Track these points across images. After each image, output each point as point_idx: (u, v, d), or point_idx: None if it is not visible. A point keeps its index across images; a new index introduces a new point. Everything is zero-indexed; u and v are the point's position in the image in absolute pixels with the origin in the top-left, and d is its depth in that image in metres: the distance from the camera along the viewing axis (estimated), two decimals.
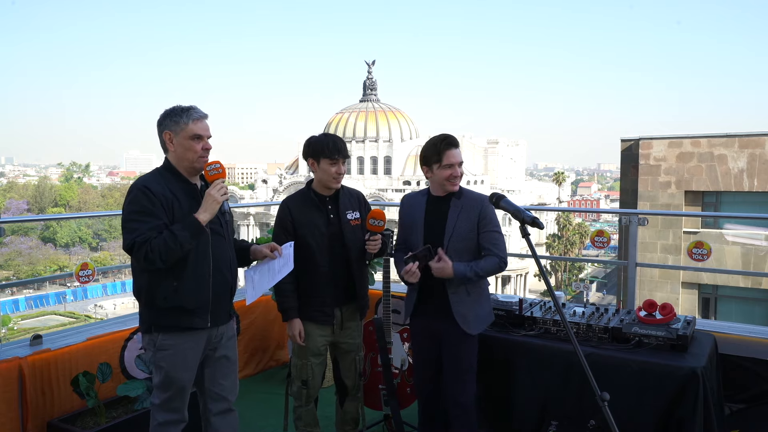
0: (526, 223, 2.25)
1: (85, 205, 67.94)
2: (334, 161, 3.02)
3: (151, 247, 2.37)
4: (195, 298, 2.55)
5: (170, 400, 2.62)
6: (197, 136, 2.55)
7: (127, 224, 2.45)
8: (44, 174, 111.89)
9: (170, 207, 2.49)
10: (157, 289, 2.50)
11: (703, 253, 3.91)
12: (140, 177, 2.62)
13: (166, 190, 2.51)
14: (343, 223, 3.11)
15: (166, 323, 2.54)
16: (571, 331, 2.01)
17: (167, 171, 2.59)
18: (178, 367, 2.58)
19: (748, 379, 3.37)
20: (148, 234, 2.40)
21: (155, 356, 2.58)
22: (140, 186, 2.48)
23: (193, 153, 2.55)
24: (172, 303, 2.50)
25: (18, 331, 33.50)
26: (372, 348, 3.65)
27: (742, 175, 12.73)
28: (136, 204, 2.45)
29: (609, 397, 1.83)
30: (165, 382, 2.59)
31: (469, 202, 2.97)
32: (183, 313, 2.53)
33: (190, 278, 2.52)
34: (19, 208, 60.60)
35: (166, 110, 2.59)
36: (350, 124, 58.69)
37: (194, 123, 2.55)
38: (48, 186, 78.64)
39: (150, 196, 2.45)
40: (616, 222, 28.76)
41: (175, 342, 2.56)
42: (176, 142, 2.55)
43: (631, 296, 4.05)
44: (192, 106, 2.59)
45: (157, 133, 2.61)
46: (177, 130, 2.54)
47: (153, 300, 2.52)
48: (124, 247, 2.43)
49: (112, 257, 55.92)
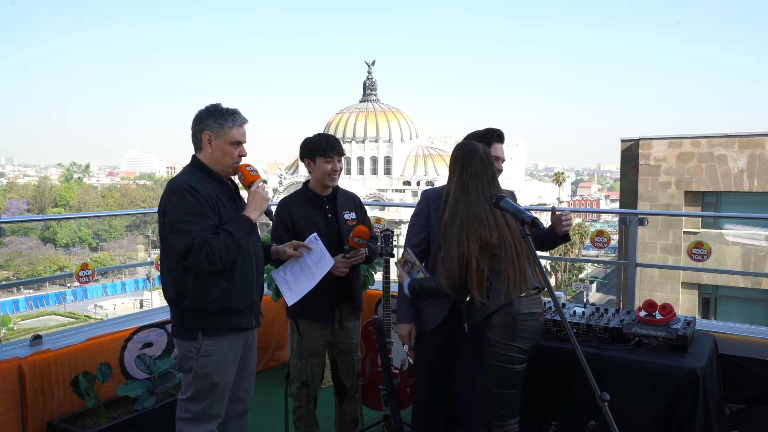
0: (526, 223, 2.25)
1: (85, 206, 67.90)
2: (329, 159, 3.04)
3: (211, 248, 2.29)
4: (243, 298, 2.51)
5: (209, 408, 2.52)
6: (237, 142, 2.50)
7: (179, 226, 2.34)
8: (44, 174, 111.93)
9: (216, 207, 2.43)
10: (208, 290, 2.42)
11: (703, 253, 3.91)
12: (177, 177, 2.51)
13: (209, 190, 2.44)
14: (341, 223, 3.13)
15: (216, 326, 2.47)
16: (571, 332, 2.01)
17: (202, 171, 2.50)
18: (222, 371, 2.51)
19: (748, 379, 3.37)
20: (205, 235, 2.31)
21: (197, 363, 2.46)
22: (186, 186, 2.38)
23: (230, 158, 2.50)
24: (222, 304, 2.44)
25: (18, 331, 33.45)
26: (372, 348, 3.65)
27: (742, 176, 12.73)
28: (186, 205, 2.35)
29: (609, 397, 1.82)
30: (205, 389, 2.49)
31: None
32: (231, 314, 2.48)
33: (238, 278, 2.49)
34: (19, 208, 60.58)
35: (208, 109, 2.50)
36: (350, 124, 58.69)
37: (237, 128, 2.49)
38: (48, 186, 78.60)
39: (197, 196, 2.37)
40: (616, 222, 28.76)
41: (220, 346, 2.48)
42: (215, 145, 2.47)
43: (631, 296, 4.05)
44: (236, 109, 2.52)
45: (194, 130, 2.51)
46: (219, 133, 2.46)
47: (202, 303, 2.42)
48: (180, 249, 2.32)
49: (112, 257, 55.91)
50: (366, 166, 58.24)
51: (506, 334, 2.55)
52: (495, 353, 2.57)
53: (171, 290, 2.48)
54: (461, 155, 2.67)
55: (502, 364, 2.56)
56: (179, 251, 2.33)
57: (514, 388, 2.60)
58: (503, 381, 2.58)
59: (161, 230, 2.48)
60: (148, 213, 5.55)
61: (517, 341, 2.55)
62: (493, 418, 2.64)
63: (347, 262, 3.01)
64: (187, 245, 2.30)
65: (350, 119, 59.28)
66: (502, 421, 2.62)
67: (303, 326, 3.11)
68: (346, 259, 3.02)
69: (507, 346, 2.55)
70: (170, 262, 2.47)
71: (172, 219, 2.37)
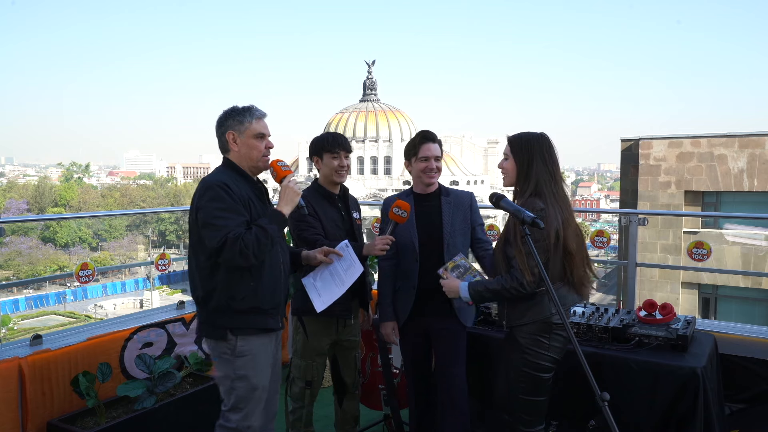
0: (526, 223, 2.25)
1: (85, 205, 67.86)
2: (335, 155, 3.08)
3: (245, 243, 2.30)
4: (270, 298, 2.51)
5: (250, 415, 2.49)
6: (261, 135, 2.54)
7: (212, 221, 2.35)
8: (44, 174, 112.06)
9: (247, 206, 2.45)
10: (236, 289, 2.42)
11: (703, 253, 3.92)
12: (210, 175, 2.53)
13: (242, 189, 2.46)
14: (353, 221, 3.18)
15: (243, 325, 2.46)
16: (570, 331, 2.01)
17: (233, 170, 2.53)
18: (258, 373, 2.49)
19: (748, 379, 3.37)
20: (238, 230, 2.33)
21: (234, 365, 2.45)
22: (218, 183, 2.40)
23: (257, 152, 2.54)
24: (249, 303, 2.44)
25: (18, 331, 33.41)
26: (372, 348, 3.65)
27: (742, 175, 12.73)
28: (220, 201, 2.37)
29: (609, 397, 1.82)
30: (244, 394, 2.46)
31: (458, 199, 3.10)
32: (259, 314, 2.48)
33: (266, 278, 2.49)
34: (19, 208, 60.56)
35: (225, 111, 2.56)
36: (350, 124, 58.70)
37: (257, 121, 2.54)
38: (48, 186, 78.58)
39: (230, 193, 2.39)
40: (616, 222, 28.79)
41: (253, 345, 2.48)
42: (240, 142, 2.52)
43: (631, 296, 4.05)
44: (251, 105, 2.57)
45: (218, 134, 2.57)
46: (241, 130, 2.51)
47: (230, 301, 2.42)
48: (214, 244, 2.33)
49: (112, 257, 55.91)
50: (366, 166, 58.25)
51: (540, 342, 2.52)
52: (527, 360, 2.54)
53: (199, 288, 2.48)
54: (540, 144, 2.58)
55: (533, 371, 2.53)
56: (213, 246, 2.33)
57: (542, 395, 2.58)
58: (533, 388, 2.56)
59: (192, 228, 2.48)
60: (148, 213, 5.55)
61: (550, 350, 2.53)
62: (520, 424, 2.62)
63: (387, 239, 2.88)
64: (221, 240, 2.31)
65: (350, 119, 59.29)
66: (529, 428, 2.61)
67: (310, 326, 3.10)
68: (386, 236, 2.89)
69: (539, 354, 2.52)
70: (199, 260, 2.47)
71: (205, 215, 2.38)
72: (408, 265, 3.04)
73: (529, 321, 2.53)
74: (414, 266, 3.03)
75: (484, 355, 3.28)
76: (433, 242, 3.02)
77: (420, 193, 3.11)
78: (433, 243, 3.01)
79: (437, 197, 3.09)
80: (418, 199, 3.10)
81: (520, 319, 2.56)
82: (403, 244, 3.03)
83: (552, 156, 2.59)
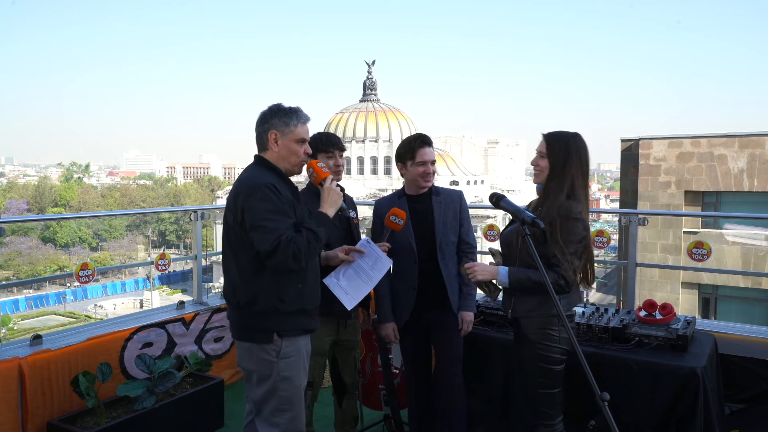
0: (526, 223, 2.25)
1: (85, 205, 67.85)
2: (330, 154, 3.09)
3: (297, 247, 2.26)
4: (314, 299, 2.50)
5: (297, 417, 2.47)
6: (303, 140, 2.49)
7: (263, 224, 2.29)
8: (44, 174, 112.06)
9: (292, 208, 2.40)
10: (284, 291, 2.38)
11: (703, 253, 3.91)
12: (253, 175, 2.43)
13: (285, 190, 2.42)
14: (350, 219, 3.17)
15: (291, 327, 2.43)
16: (570, 332, 2.02)
17: (271, 170, 2.46)
18: (300, 374, 2.47)
19: (748, 379, 3.37)
20: (289, 233, 2.29)
21: (278, 366, 2.41)
22: (267, 184, 2.34)
23: (296, 157, 2.48)
24: (297, 305, 2.42)
25: (18, 331, 33.49)
26: (372, 348, 3.65)
27: (742, 175, 12.73)
28: (269, 202, 2.31)
29: (609, 397, 1.82)
30: (288, 396, 2.43)
31: (447, 198, 3.13)
32: (303, 315, 2.46)
33: (311, 279, 2.48)
34: (19, 208, 60.56)
35: (271, 109, 2.49)
36: (350, 124, 58.70)
37: (302, 126, 2.48)
38: (48, 186, 78.61)
39: (278, 195, 2.34)
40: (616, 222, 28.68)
41: (297, 346, 2.45)
42: (281, 144, 2.46)
43: (631, 296, 4.05)
44: (298, 107, 2.51)
45: (259, 131, 2.49)
46: (285, 132, 2.45)
47: (278, 304, 2.38)
48: (266, 247, 2.27)
49: (112, 257, 55.92)
50: (366, 166, 58.23)
51: (550, 335, 2.54)
52: (540, 355, 2.56)
53: (241, 291, 2.40)
54: (577, 144, 2.59)
55: (546, 365, 2.56)
56: (265, 249, 2.27)
57: (557, 386, 2.61)
58: (548, 381, 2.58)
59: (232, 230, 2.40)
60: (148, 213, 5.55)
61: (561, 342, 2.56)
62: (541, 418, 2.64)
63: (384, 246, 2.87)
64: (274, 243, 2.26)
65: (350, 119, 59.28)
66: (550, 420, 2.63)
67: None
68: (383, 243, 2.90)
69: (550, 347, 2.55)
70: (240, 262, 2.40)
71: (254, 217, 2.31)
72: (406, 267, 3.06)
73: (538, 315, 2.55)
74: (413, 267, 3.05)
75: (483, 354, 3.29)
76: (427, 242, 3.06)
77: (412, 194, 3.14)
78: (427, 243, 3.05)
79: (428, 197, 3.12)
80: (410, 200, 3.13)
81: (530, 311, 2.58)
82: (400, 246, 3.04)
83: (586, 157, 2.60)
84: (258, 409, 2.49)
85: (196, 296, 4.60)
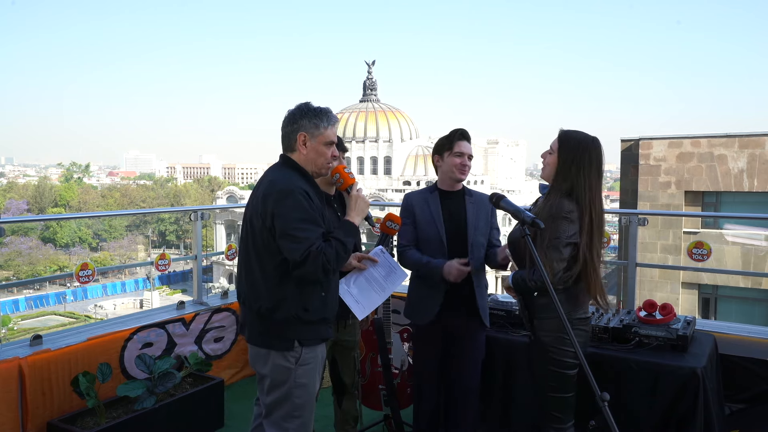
0: (526, 223, 2.25)
1: (85, 205, 67.91)
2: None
3: (327, 258, 2.22)
4: (334, 307, 2.48)
5: (308, 423, 2.44)
6: (331, 143, 2.43)
7: (293, 232, 2.23)
8: (44, 174, 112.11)
9: (321, 215, 2.35)
10: (308, 300, 2.33)
11: (703, 253, 3.91)
12: (284, 179, 2.35)
13: (314, 195, 2.36)
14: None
15: (313, 335, 2.39)
16: (571, 332, 2.02)
17: (299, 173, 2.39)
18: (315, 381, 2.45)
19: (748, 379, 3.37)
20: (319, 243, 2.24)
21: (296, 373, 2.36)
22: (300, 190, 2.27)
23: (324, 159, 2.41)
24: (320, 314, 2.38)
25: (18, 331, 33.51)
26: (372, 348, 3.65)
27: (742, 175, 12.73)
28: (301, 210, 2.25)
29: (609, 397, 1.82)
30: (302, 402, 2.40)
31: (479, 201, 3.10)
32: (324, 323, 2.43)
33: (333, 288, 2.45)
34: (19, 208, 60.59)
35: (300, 109, 2.41)
36: (350, 124, 58.72)
37: (331, 128, 2.41)
38: (48, 186, 78.65)
39: (310, 202, 2.29)
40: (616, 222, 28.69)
41: (316, 354, 2.43)
42: (310, 146, 2.39)
43: (631, 296, 4.05)
44: (328, 108, 2.44)
45: (286, 131, 2.42)
46: (315, 134, 2.38)
47: (302, 312, 2.32)
48: (296, 257, 2.21)
49: (112, 257, 55.94)
50: (366, 166, 58.27)
51: (563, 339, 2.51)
52: (552, 359, 2.54)
53: (264, 298, 2.33)
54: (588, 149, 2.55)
55: (559, 369, 2.54)
56: (294, 259, 2.22)
57: (570, 391, 2.58)
58: (561, 385, 2.56)
59: (259, 235, 2.32)
60: (148, 213, 5.55)
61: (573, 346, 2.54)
62: (552, 422, 2.62)
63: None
64: (304, 253, 2.20)
65: (350, 119, 59.31)
66: (561, 424, 2.61)
67: None
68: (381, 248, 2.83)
69: (563, 351, 2.52)
70: (265, 268, 2.33)
71: (285, 224, 2.24)
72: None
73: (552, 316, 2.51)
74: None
75: (493, 357, 3.27)
76: (457, 240, 3.00)
77: (445, 190, 3.10)
78: (458, 241, 3.00)
79: (461, 196, 3.09)
80: (443, 195, 3.09)
81: (543, 313, 2.56)
82: (428, 238, 3.00)
83: (598, 161, 2.56)
84: (268, 411, 2.45)
85: (196, 296, 4.60)
